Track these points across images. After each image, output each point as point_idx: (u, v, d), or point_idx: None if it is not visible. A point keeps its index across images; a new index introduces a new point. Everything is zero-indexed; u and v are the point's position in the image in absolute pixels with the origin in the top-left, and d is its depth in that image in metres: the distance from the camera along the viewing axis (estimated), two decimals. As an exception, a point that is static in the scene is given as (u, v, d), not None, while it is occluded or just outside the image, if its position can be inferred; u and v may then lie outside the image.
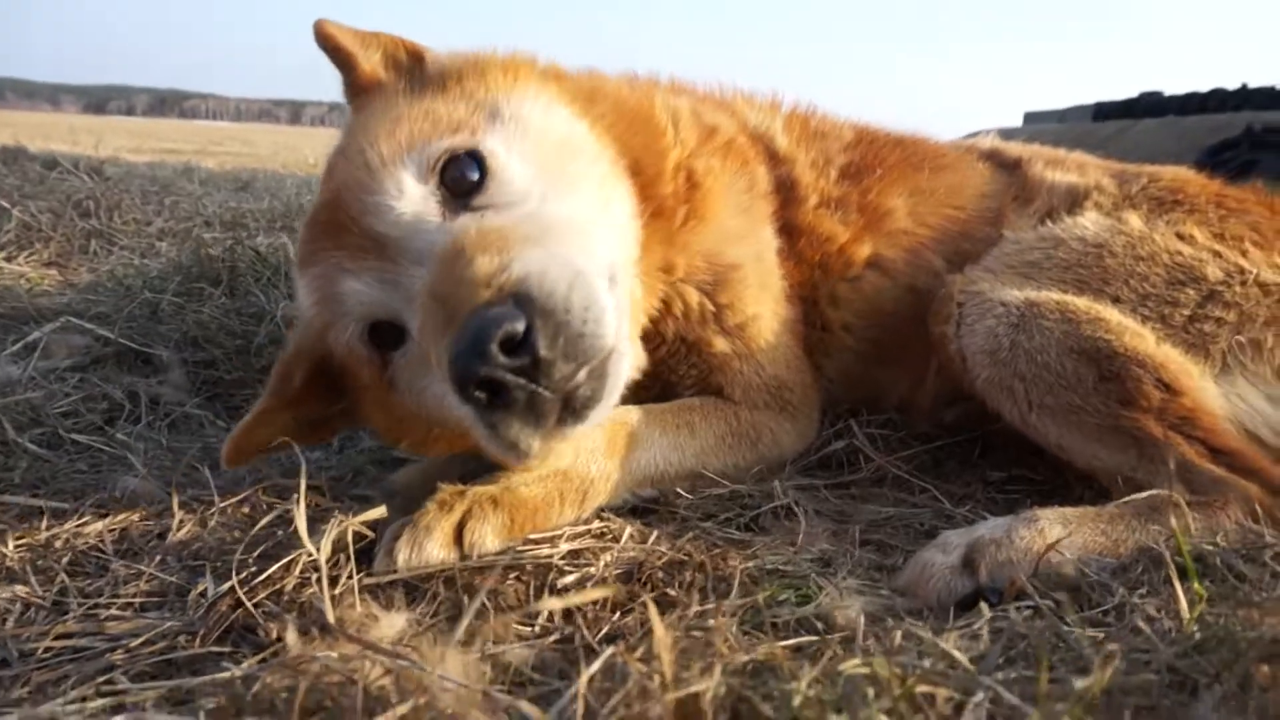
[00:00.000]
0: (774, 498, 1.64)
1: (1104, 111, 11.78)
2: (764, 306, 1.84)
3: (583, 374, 1.18)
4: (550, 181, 1.44)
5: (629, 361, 1.30)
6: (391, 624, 1.06)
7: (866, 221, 1.99)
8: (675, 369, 1.81)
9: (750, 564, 1.35)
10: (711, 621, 1.03)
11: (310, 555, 1.16)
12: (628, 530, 1.45)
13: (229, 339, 2.14)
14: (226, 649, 1.08)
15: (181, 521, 1.42)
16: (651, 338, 1.74)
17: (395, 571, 1.26)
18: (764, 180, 1.95)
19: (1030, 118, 13.87)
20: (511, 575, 1.28)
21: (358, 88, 1.63)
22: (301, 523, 1.13)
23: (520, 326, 1.12)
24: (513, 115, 1.50)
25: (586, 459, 1.53)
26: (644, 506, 1.61)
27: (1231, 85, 9.05)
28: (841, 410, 2.01)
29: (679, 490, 1.64)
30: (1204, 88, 8.95)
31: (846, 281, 1.98)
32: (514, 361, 1.13)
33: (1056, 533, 1.27)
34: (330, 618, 1.04)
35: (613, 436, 1.58)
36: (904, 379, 2.02)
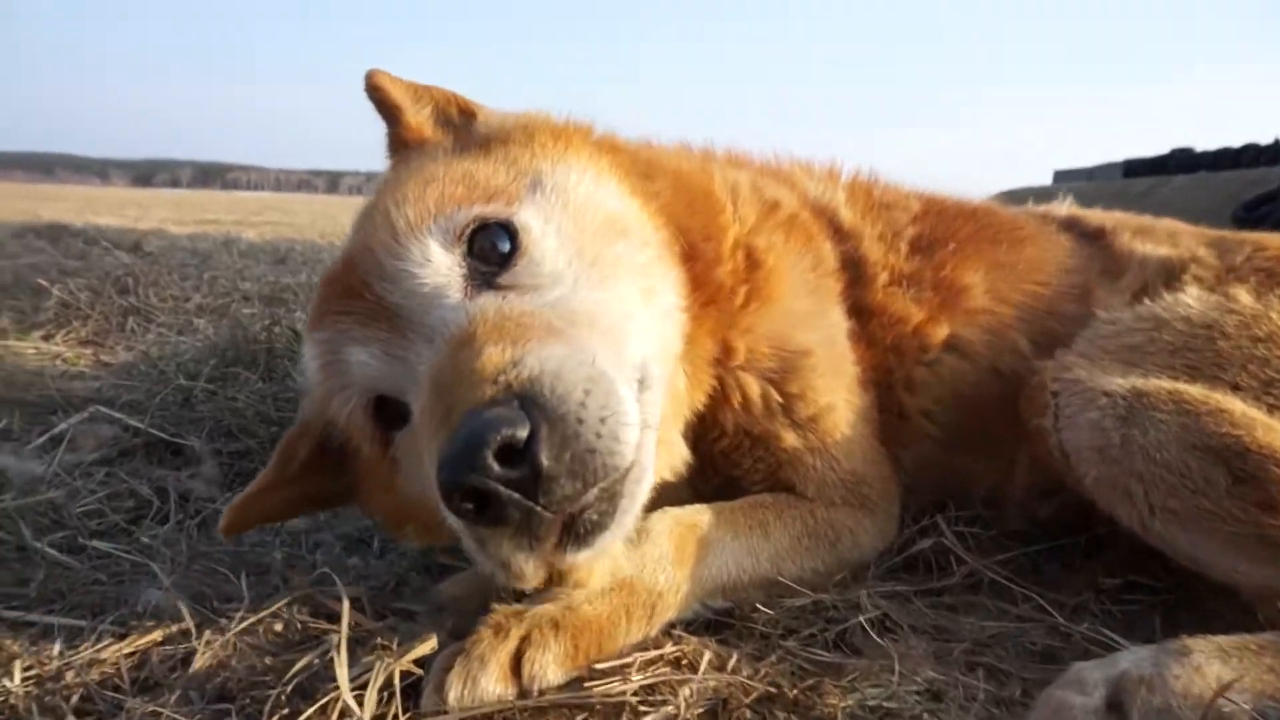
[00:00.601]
0: (861, 609, 1.47)
1: (1134, 169, 11.63)
2: (837, 395, 1.68)
3: (591, 494, 1.04)
4: (587, 265, 1.32)
5: (649, 480, 1.15)
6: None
7: (941, 300, 1.84)
8: (739, 463, 1.65)
9: (850, 700, 1.18)
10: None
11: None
12: (705, 655, 1.28)
13: (264, 427, 2.03)
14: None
15: (208, 642, 1.27)
16: (709, 429, 1.59)
17: (446, 711, 1.10)
18: (830, 257, 1.82)
19: (1060, 176, 13.75)
20: (579, 716, 1.11)
21: (400, 142, 1.54)
22: (343, 674, 0.97)
23: (523, 433, 0.99)
24: (556, 187, 1.39)
25: (654, 569, 1.37)
26: (718, 620, 1.45)
27: (1264, 140, 8.85)
28: (924, 504, 1.83)
29: (756, 601, 1.47)
30: (1235, 143, 8.75)
31: (923, 365, 1.83)
32: (510, 473, 0.98)
33: (1217, 671, 1.08)
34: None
35: (681, 542, 1.42)
36: (991, 469, 1.85)
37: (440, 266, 1.24)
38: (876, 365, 1.81)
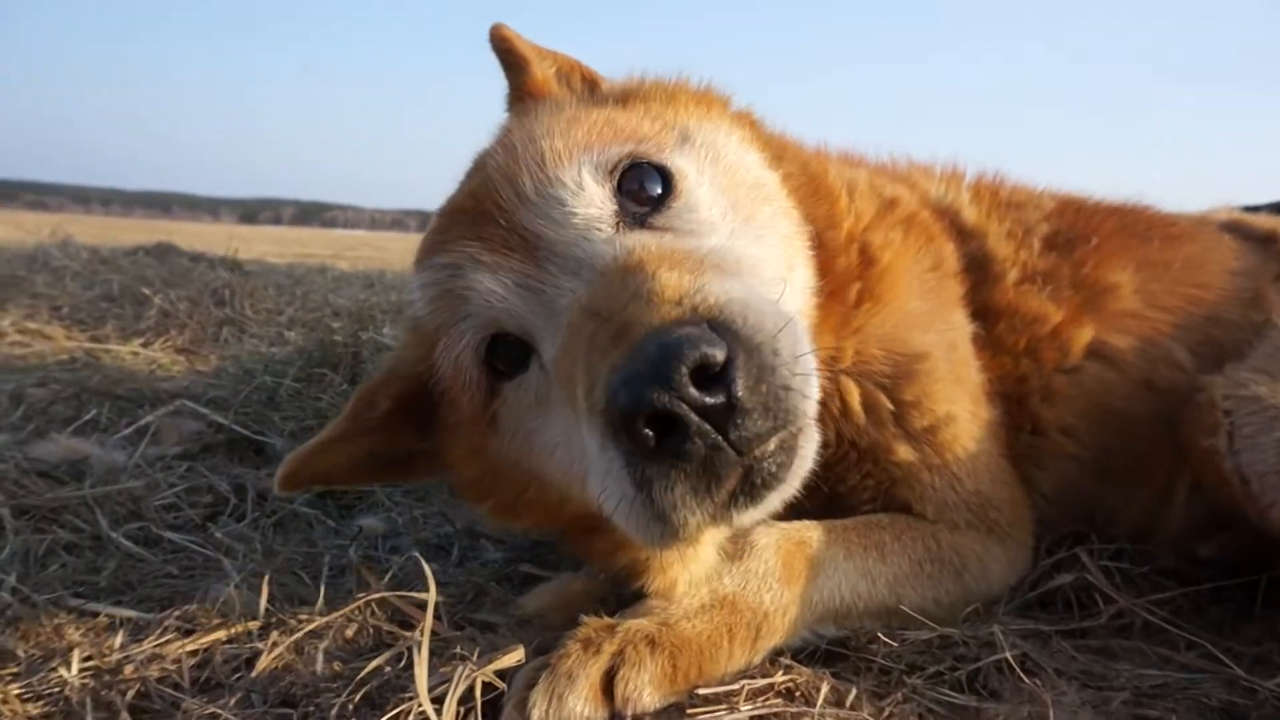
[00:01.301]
0: (996, 647, 1.28)
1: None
2: (959, 405, 1.49)
3: (774, 442, 0.92)
4: (742, 220, 1.23)
5: (816, 444, 1.01)
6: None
7: (1084, 299, 1.64)
8: (844, 478, 1.47)
9: (998, 750, 0.99)
10: None
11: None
12: (822, 688, 1.11)
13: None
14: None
15: (274, 643, 1.17)
16: None
17: (529, 731, 0.97)
18: (952, 258, 1.63)
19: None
20: (680, 748, 0.96)
21: (525, 92, 1.44)
22: (422, 683, 0.85)
23: (721, 354, 0.87)
24: (705, 143, 1.30)
25: (758, 586, 1.22)
26: (830, 650, 1.28)
27: None
28: (1060, 535, 1.62)
29: (874, 631, 1.30)
30: None
31: (1064, 373, 1.62)
32: (705, 397, 0.86)
33: None
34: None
35: (789, 559, 1.26)
36: (1140, 499, 1.62)
37: (594, 197, 1.14)
38: (1006, 374, 1.62)
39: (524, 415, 1.17)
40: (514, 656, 1.03)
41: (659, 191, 1.18)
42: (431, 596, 1.12)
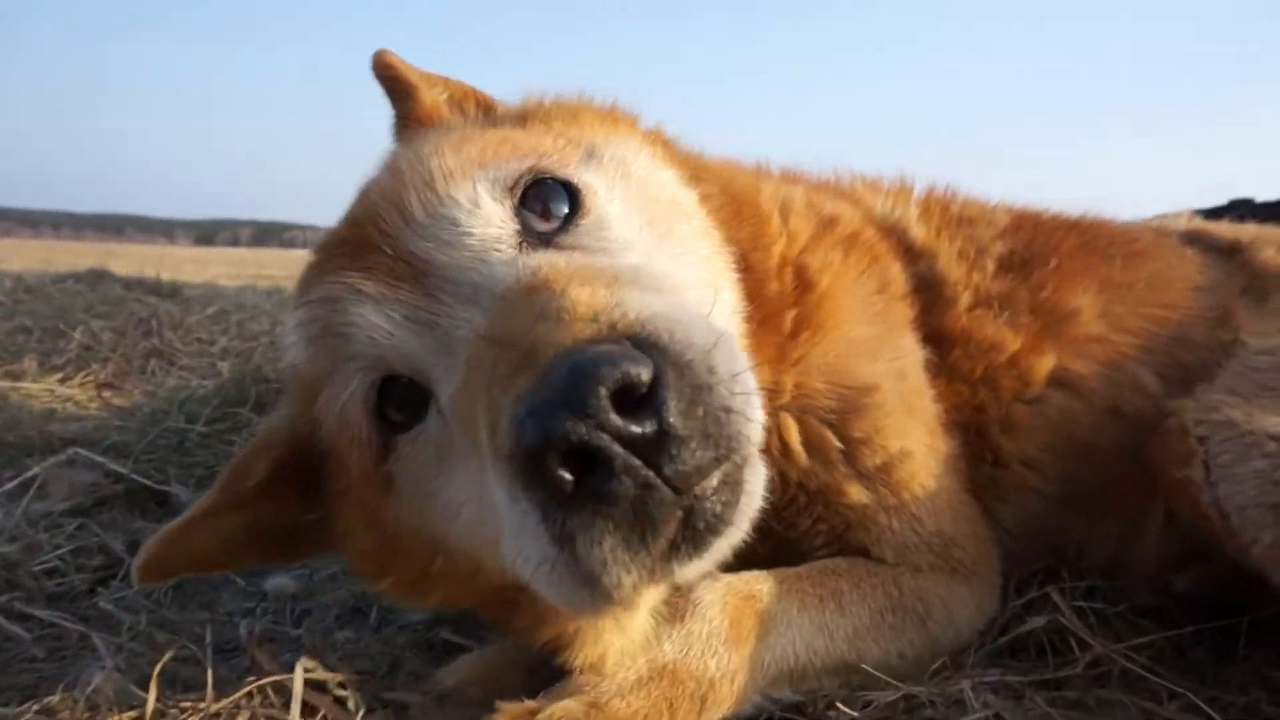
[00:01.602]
0: (965, 706, 1.17)
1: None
2: (913, 439, 1.37)
3: (716, 476, 0.80)
4: (659, 239, 1.12)
5: (764, 480, 0.88)
6: None
7: (1043, 325, 1.54)
8: (794, 522, 1.35)
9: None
10: None
11: None
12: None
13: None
14: None
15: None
16: None
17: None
18: (899, 279, 1.52)
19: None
20: None
21: (413, 119, 1.32)
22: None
23: (646, 373, 0.75)
24: (614, 159, 1.19)
25: (702, 650, 1.10)
26: (784, 717, 1.15)
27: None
28: (1030, 573, 1.51)
29: (832, 695, 1.18)
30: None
31: (1024, 403, 1.52)
32: (630, 425, 0.73)
33: None
34: None
35: (736, 616, 1.14)
36: (1110, 530, 1.53)
37: (491, 215, 1.03)
38: (963, 403, 1.51)
39: (423, 472, 1.02)
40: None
41: (565, 210, 1.06)
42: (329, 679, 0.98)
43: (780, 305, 1.31)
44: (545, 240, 1.04)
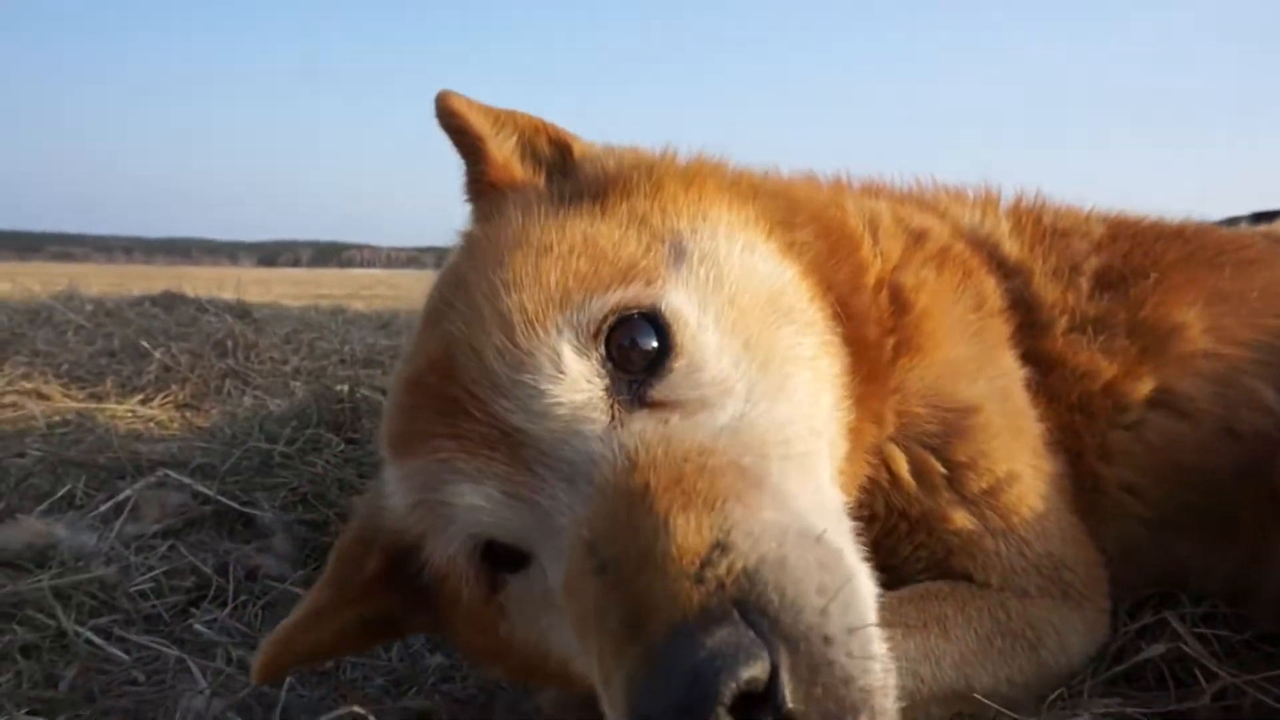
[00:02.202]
0: (1087, 741, 1.09)
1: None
2: (1020, 461, 1.30)
3: None
4: (759, 366, 1.02)
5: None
6: None
7: (1143, 347, 1.44)
8: (895, 550, 1.29)
9: None
10: None
11: None
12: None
13: (343, 495, 1.81)
14: None
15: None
16: (853, 512, 1.25)
17: None
18: (995, 295, 1.45)
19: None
20: None
21: (485, 184, 1.24)
22: None
23: (763, 672, 0.71)
24: (704, 256, 1.08)
25: None
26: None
27: None
28: (1143, 598, 1.42)
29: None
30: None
31: (1122, 429, 1.43)
32: None
33: None
34: None
35: None
36: (1230, 556, 1.43)
37: (578, 379, 0.94)
38: (1063, 426, 1.43)
39: (535, 611, 1.02)
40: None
41: (654, 345, 0.97)
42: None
43: (879, 332, 1.25)
44: (639, 396, 0.96)
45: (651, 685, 0.72)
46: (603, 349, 0.96)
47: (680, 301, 1.01)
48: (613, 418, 0.93)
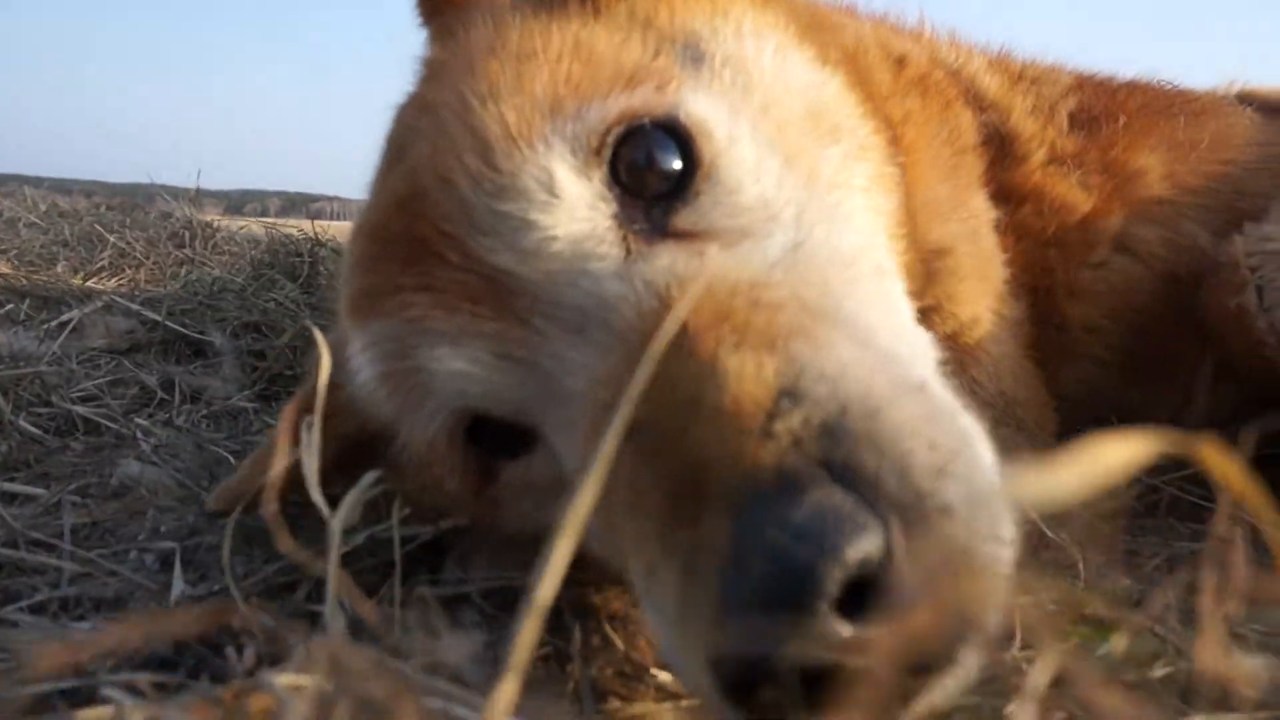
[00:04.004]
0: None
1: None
2: (982, 305, 1.29)
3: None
4: (803, 184, 0.83)
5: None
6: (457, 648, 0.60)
7: (1114, 186, 1.45)
8: None
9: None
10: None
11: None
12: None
13: (296, 327, 1.79)
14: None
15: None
16: None
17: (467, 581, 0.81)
18: (970, 129, 1.42)
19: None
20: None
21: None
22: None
23: (876, 550, 0.51)
24: (727, 59, 0.89)
25: None
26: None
27: None
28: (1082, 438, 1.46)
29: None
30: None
31: (1090, 267, 1.44)
32: (852, 632, 0.50)
33: None
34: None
35: None
36: (1165, 402, 1.47)
37: (576, 204, 0.75)
38: (1031, 264, 1.43)
39: (539, 504, 0.84)
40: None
41: (676, 165, 0.78)
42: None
43: None
44: (659, 226, 0.77)
45: (719, 577, 0.52)
46: (607, 169, 0.77)
47: (703, 108, 0.81)
48: (628, 252, 0.75)
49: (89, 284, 2.86)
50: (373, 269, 0.84)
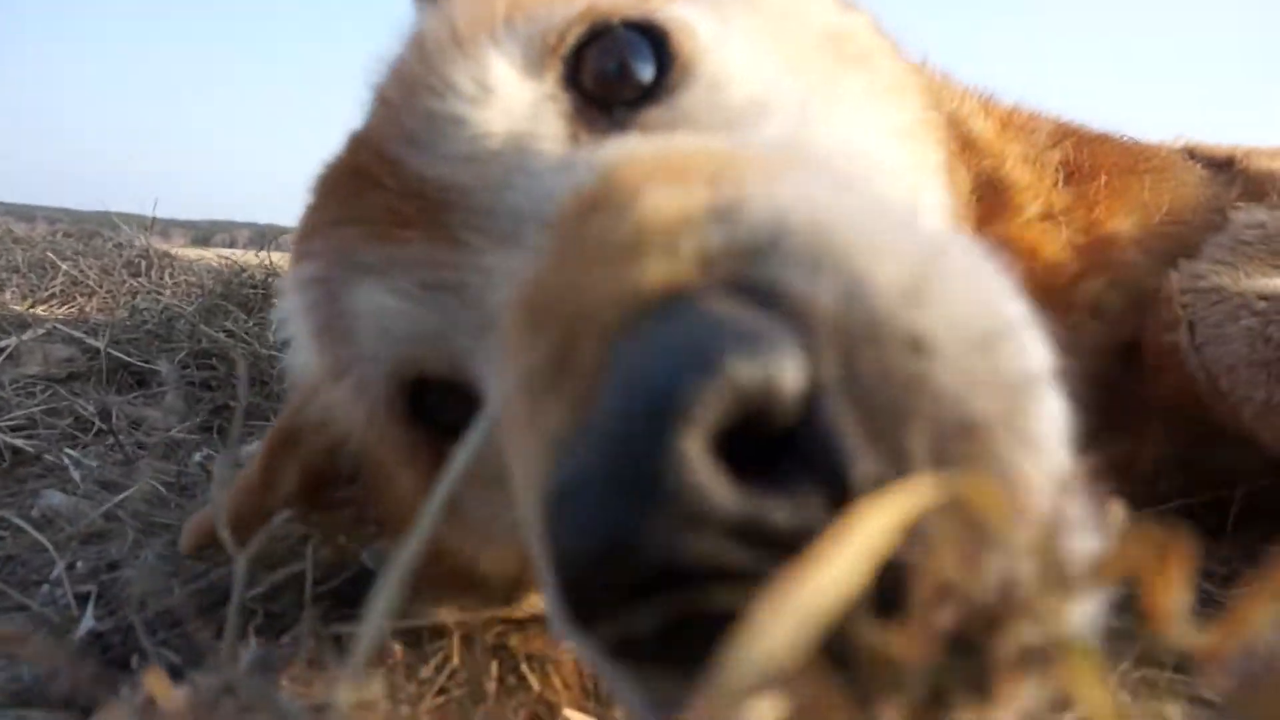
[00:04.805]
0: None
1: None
2: None
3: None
4: (820, 91, 0.71)
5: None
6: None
7: (1093, 248, 1.43)
8: None
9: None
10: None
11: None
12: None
13: (248, 356, 1.76)
14: None
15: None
16: None
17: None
18: (963, 177, 1.42)
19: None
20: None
21: None
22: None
23: (790, 375, 0.31)
24: None
25: None
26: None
27: None
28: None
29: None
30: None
31: (1065, 329, 1.43)
32: (763, 511, 0.30)
33: None
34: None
35: None
36: (1118, 445, 1.48)
37: (512, 99, 0.64)
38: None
39: (486, 495, 0.64)
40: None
41: (650, 74, 0.65)
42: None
43: None
44: (618, 121, 0.64)
45: (557, 442, 0.36)
46: (563, 68, 0.66)
47: (687, 11, 0.69)
48: (576, 143, 0.63)
49: (35, 310, 2.81)
50: (316, 210, 0.74)
